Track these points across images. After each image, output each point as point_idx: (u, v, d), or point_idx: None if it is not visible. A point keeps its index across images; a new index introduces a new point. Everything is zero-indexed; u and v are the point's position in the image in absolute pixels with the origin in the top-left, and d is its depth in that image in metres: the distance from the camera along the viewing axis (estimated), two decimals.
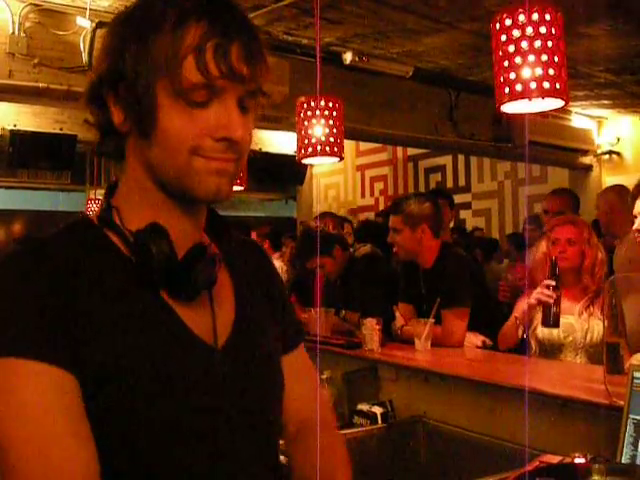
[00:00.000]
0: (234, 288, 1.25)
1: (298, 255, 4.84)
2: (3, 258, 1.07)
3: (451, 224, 5.79)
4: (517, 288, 3.92)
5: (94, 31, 4.77)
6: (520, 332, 3.38)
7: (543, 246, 3.48)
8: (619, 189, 5.56)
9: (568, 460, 1.67)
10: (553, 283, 3.16)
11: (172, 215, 1.15)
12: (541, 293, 3.17)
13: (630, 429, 1.76)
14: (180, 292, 1.12)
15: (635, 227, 2.96)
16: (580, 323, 3.31)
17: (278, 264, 6.30)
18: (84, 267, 1.08)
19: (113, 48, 1.10)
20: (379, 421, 2.80)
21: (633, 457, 1.72)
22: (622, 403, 1.85)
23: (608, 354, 2.62)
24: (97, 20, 4.74)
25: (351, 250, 4.77)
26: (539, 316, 3.42)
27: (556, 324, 3.16)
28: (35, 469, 0.96)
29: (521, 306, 3.42)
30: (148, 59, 1.05)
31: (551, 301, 3.14)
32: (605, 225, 5.07)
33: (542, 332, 3.40)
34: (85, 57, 4.78)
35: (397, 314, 3.91)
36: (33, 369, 0.98)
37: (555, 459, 1.75)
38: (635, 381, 1.79)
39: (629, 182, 8.43)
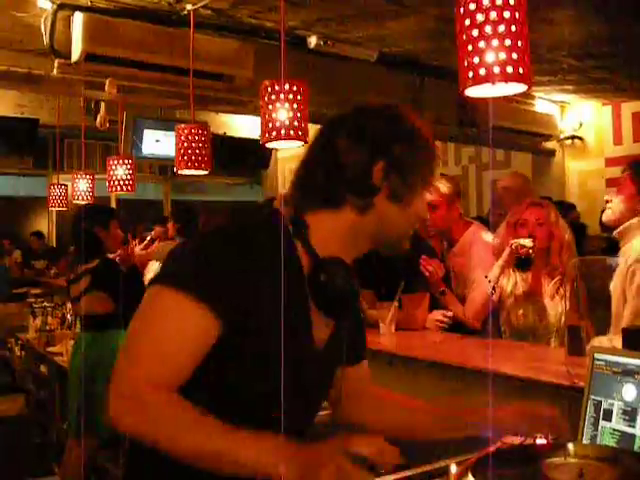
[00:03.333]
0: None
1: None
2: (222, 225, 1.61)
3: None
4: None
5: (55, 13, 4.68)
6: (489, 288, 3.45)
7: (502, 231, 3.51)
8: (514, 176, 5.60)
9: (530, 441, 1.69)
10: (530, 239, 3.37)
11: (348, 255, 1.61)
12: (521, 240, 3.38)
13: (590, 410, 1.78)
14: (332, 314, 1.61)
15: (606, 198, 3.12)
16: (553, 306, 3.34)
17: None
18: (270, 257, 1.48)
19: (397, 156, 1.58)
20: None
21: (593, 437, 1.74)
22: (583, 384, 1.87)
23: (570, 336, 2.65)
24: (58, 2, 4.67)
25: None
26: (509, 300, 3.47)
27: (529, 266, 3.39)
28: (148, 358, 1.43)
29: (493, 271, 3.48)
30: (419, 176, 1.62)
31: (530, 245, 3.33)
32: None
33: (516, 315, 3.44)
34: (46, 39, 4.69)
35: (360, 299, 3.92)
36: (191, 302, 1.41)
37: (517, 440, 1.76)
38: (596, 362, 1.81)
39: (591, 166, 8.58)
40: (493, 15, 2.46)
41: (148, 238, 7.54)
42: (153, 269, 6.67)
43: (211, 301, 1.42)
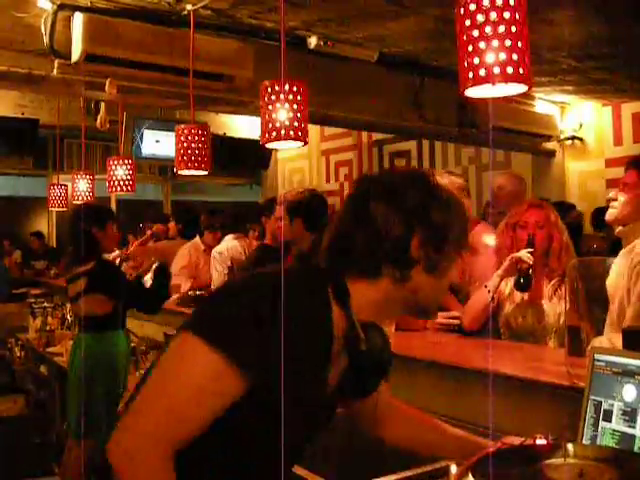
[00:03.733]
0: None
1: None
2: (262, 276, 1.62)
3: None
4: None
5: (55, 13, 4.68)
6: (489, 297, 3.43)
7: (501, 232, 3.50)
8: (510, 176, 5.59)
9: (530, 441, 1.69)
10: (531, 250, 3.30)
11: (379, 321, 1.65)
12: (522, 255, 3.29)
13: (591, 410, 1.78)
14: (360, 375, 1.64)
15: (609, 196, 3.09)
16: (552, 307, 3.34)
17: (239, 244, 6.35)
18: (304, 314, 1.50)
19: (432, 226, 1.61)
20: None
21: (593, 437, 1.75)
22: (583, 385, 1.88)
23: (569, 336, 2.65)
24: (58, 2, 4.66)
25: None
26: (508, 303, 3.46)
27: (529, 288, 3.30)
28: (162, 412, 1.44)
29: (493, 280, 3.45)
30: (455, 244, 1.65)
31: (530, 262, 3.26)
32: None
33: (515, 318, 3.43)
34: (46, 40, 4.68)
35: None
36: (215, 359, 1.43)
37: (517, 440, 1.77)
38: (596, 363, 1.81)
39: (591, 167, 8.57)
40: (493, 16, 2.46)
41: (148, 232, 7.56)
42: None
43: (240, 361, 1.44)
